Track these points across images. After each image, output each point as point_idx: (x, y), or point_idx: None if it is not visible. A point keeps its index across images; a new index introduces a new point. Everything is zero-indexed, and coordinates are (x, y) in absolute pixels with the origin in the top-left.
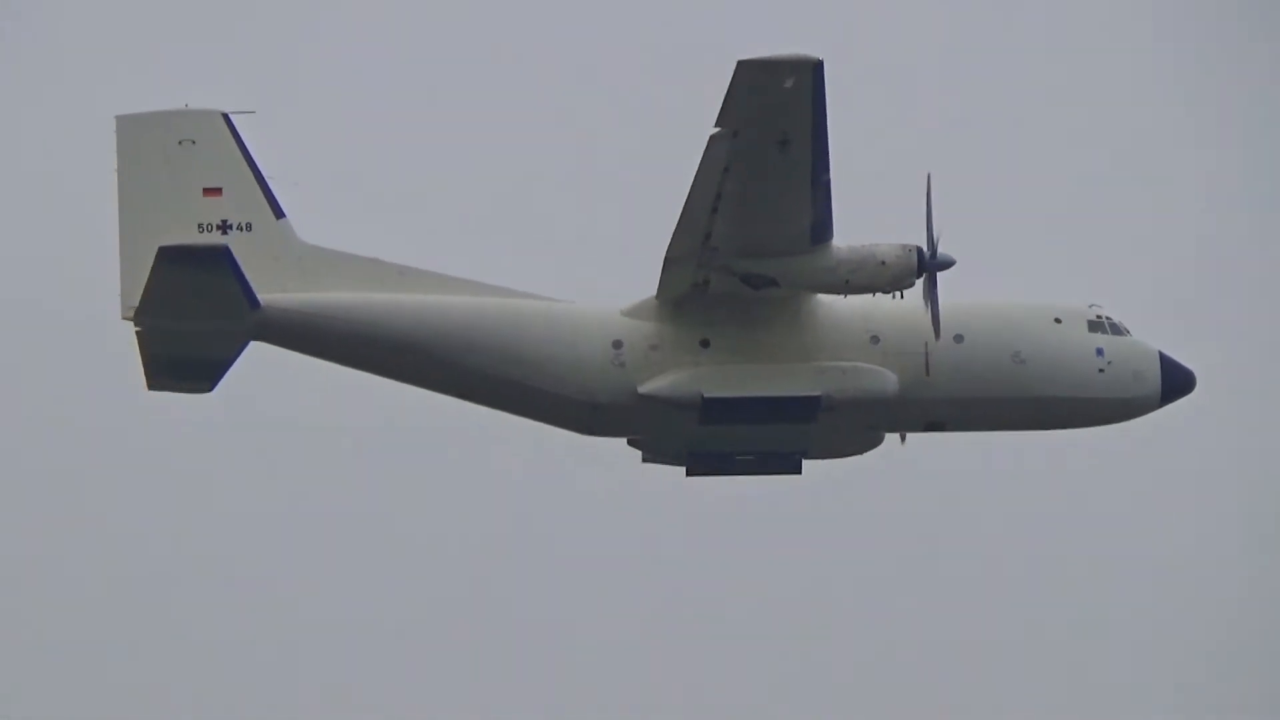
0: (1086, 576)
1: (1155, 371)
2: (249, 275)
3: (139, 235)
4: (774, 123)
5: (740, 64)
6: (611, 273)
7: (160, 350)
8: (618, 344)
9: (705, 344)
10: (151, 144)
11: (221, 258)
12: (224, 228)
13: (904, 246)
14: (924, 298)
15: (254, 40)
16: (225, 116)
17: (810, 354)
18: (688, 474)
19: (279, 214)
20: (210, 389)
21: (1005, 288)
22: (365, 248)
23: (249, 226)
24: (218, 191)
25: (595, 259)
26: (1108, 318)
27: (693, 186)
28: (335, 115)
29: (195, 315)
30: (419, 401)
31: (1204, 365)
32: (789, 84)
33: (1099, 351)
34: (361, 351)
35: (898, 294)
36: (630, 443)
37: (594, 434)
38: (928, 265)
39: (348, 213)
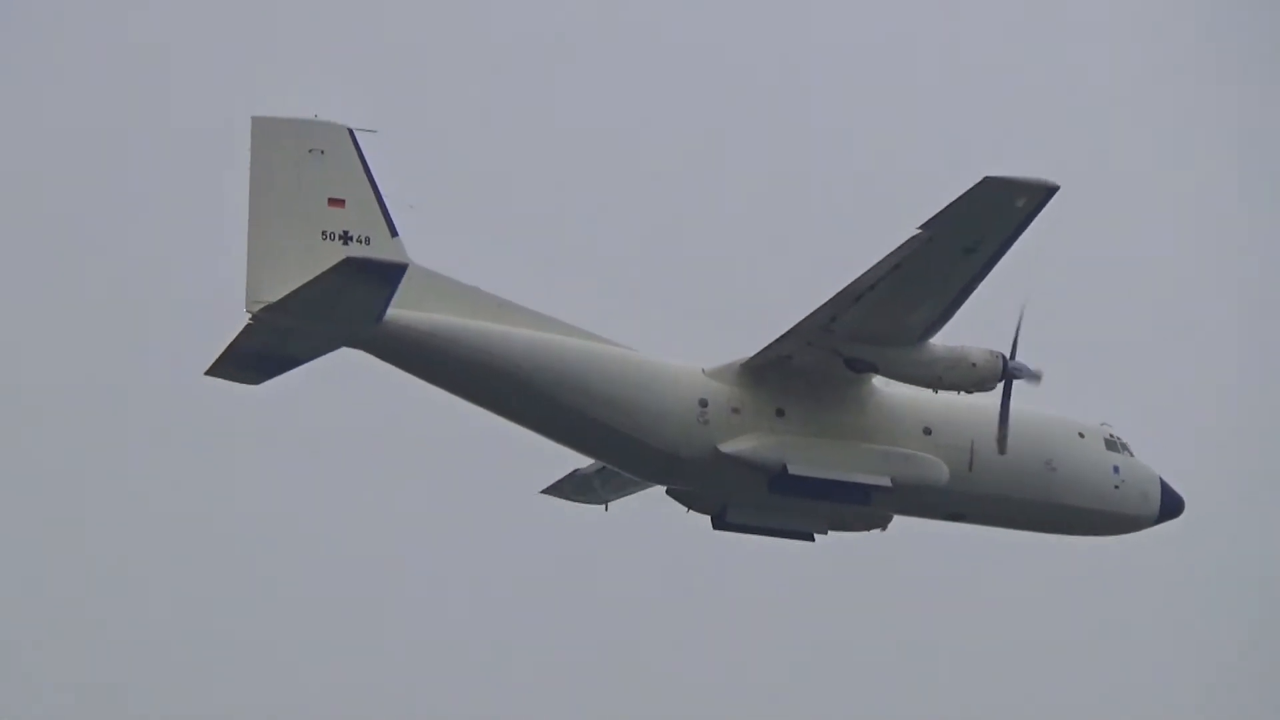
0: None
1: (1157, 494)
2: None
3: (267, 235)
4: (976, 231)
5: (987, 180)
6: (670, 327)
7: (256, 343)
8: (704, 402)
9: (780, 413)
10: (284, 149)
11: (400, 275)
12: (345, 238)
13: (992, 352)
14: (1001, 404)
15: (379, 57)
16: (350, 131)
17: (872, 436)
18: (714, 527)
19: (394, 232)
20: (260, 382)
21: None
22: (464, 274)
23: (368, 240)
24: (341, 203)
25: (664, 312)
26: (1119, 438)
27: (861, 277)
28: (452, 141)
29: (328, 319)
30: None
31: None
32: (1020, 203)
33: (1115, 469)
34: (463, 375)
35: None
36: (669, 491)
37: (664, 482)
38: (1009, 373)
39: (451, 238)
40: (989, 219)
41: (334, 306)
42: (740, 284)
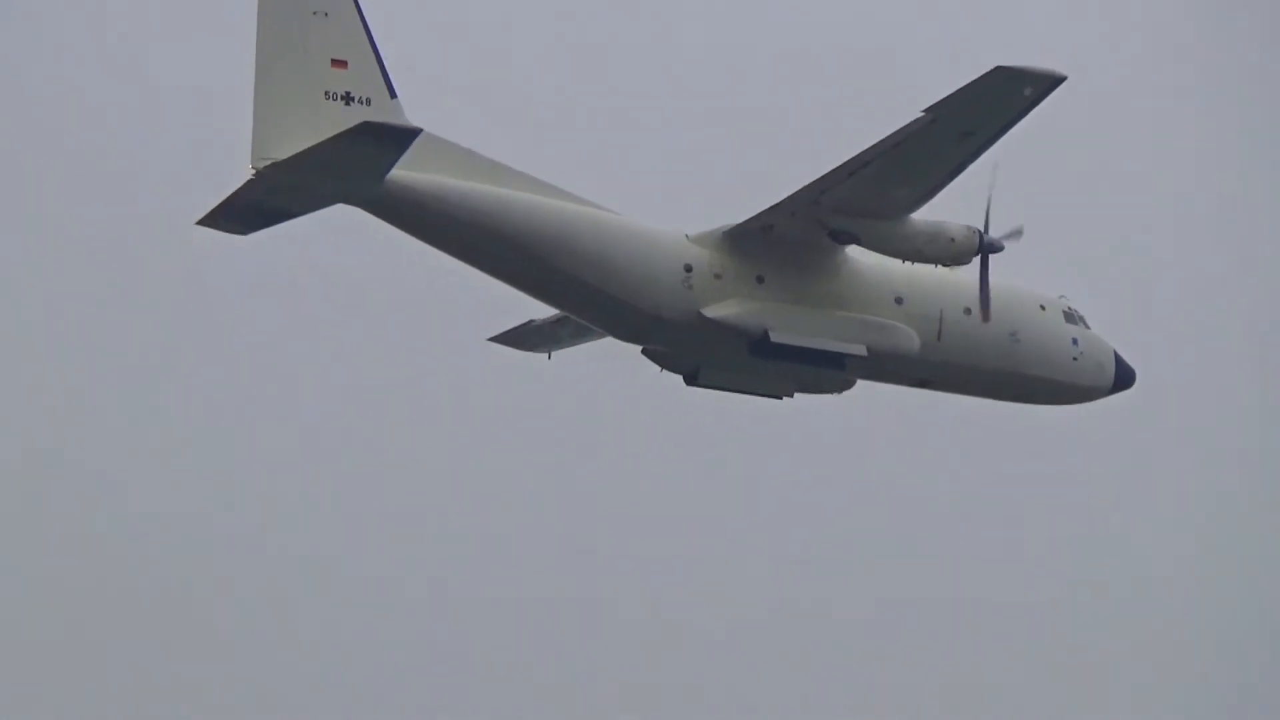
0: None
1: (1111, 365)
2: None
3: (273, 93)
4: (978, 117)
5: (999, 69)
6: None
7: (257, 196)
8: (688, 268)
9: (760, 280)
10: (289, 9)
11: (412, 140)
12: (347, 99)
13: (969, 227)
14: (980, 277)
15: None
16: None
17: (847, 304)
18: (687, 383)
19: (392, 94)
20: (247, 233)
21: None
22: (456, 136)
23: (368, 101)
24: (344, 64)
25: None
26: (1076, 310)
27: (859, 155)
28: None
29: (335, 179)
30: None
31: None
32: (1027, 92)
33: (1074, 341)
34: (460, 236)
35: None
36: (644, 351)
37: (644, 343)
38: (984, 247)
39: (446, 102)
40: (993, 106)
41: (343, 167)
42: (724, 154)
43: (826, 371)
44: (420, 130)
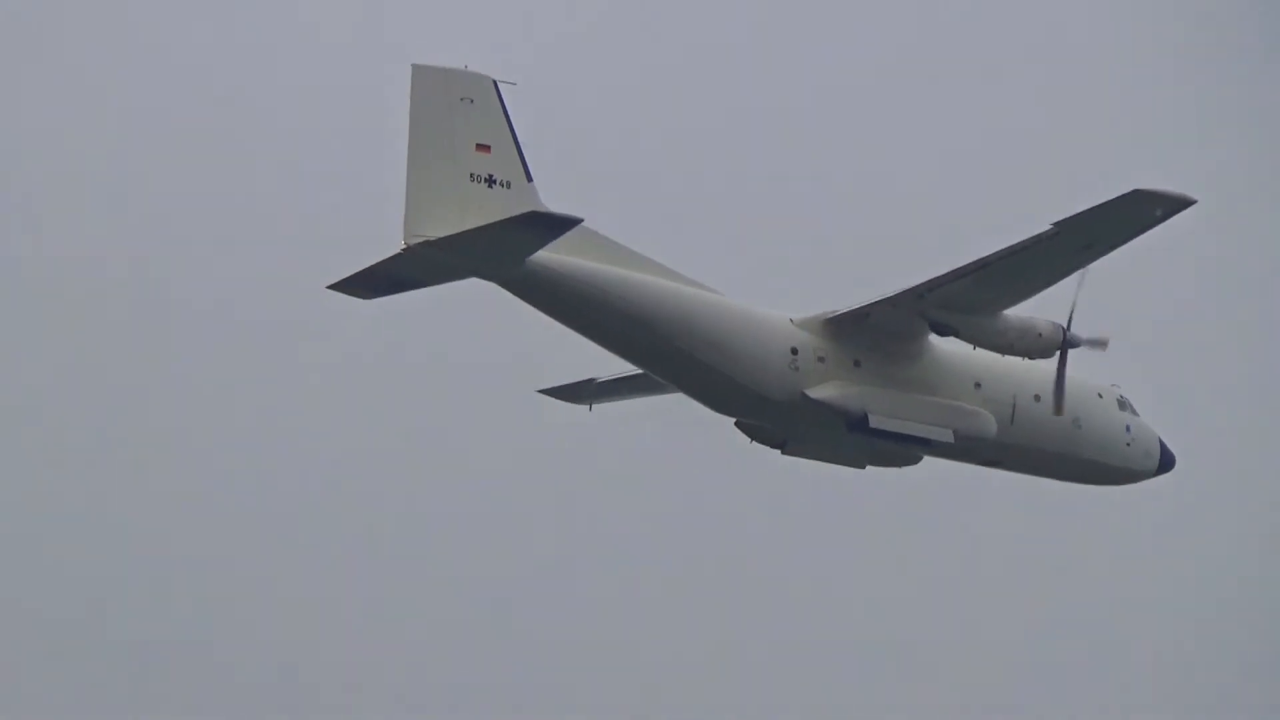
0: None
1: (1157, 451)
2: None
3: (424, 174)
4: (1104, 233)
5: (1137, 192)
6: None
7: (400, 268)
8: (794, 350)
9: (857, 363)
10: (439, 95)
11: (570, 228)
12: (490, 181)
13: (1054, 323)
14: (1057, 370)
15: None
16: (494, 82)
17: (933, 389)
18: (783, 453)
19: (529, 178)
20: (371, 299)
21: None
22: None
23: (508, 184)
24: (487, 149)
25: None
26: (1127, 399)
27: (982, 259)
28: (577, 95)
29: (485, 258)
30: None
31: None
32: (1158, 213)
33: (1128, 428)
34: (589, 315)
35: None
36: (737, 423)
37: (751, 419)
38: (1066, 343)
39: (569, 185)
40: (1122, 224)
41: (498, 249)
42: (815, 243)
43: (906, 450)
44: (581, 220)
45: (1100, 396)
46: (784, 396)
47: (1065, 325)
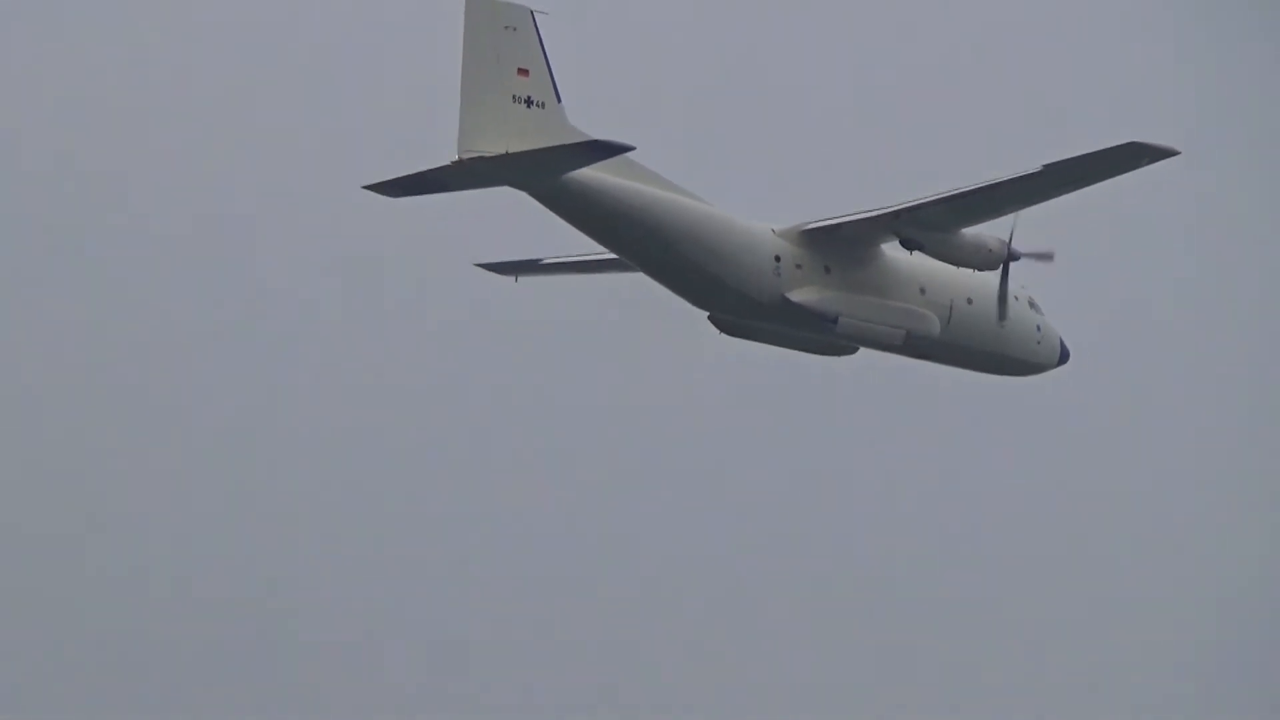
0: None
1: (1058, 348)
2: (538, 146)
3: (476, 93)
4: (1085, 176)
5: (1134, 144)
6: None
7: (443, 178)
8: (778, 258)
9: (827, 270)
10: (489, 24)
11: (616, 154)
12: (529, 102)
13: (1001, 240)
14: (1000, 279)
15: None
16: (531, 12)
17: (889, 293)
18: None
19: (559, 99)
20: (398, 197)
21: None
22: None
23: (543, 105)
24: (526, 73)
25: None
26: (1036, 301)
27: (969, 191)
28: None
29: (530, 174)
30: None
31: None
32: (1145, 161)
33: (1038, 328)
34: (608, 224)
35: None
36: (710, 318)
37: (739, 317)
38: (1009, 257)
39: (594, 105)
40: (1108, 169)
41: (548, 168)
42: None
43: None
44: (634, 148)
45: (1016, 299)
46: (767, 298)
47: (1008, 240)
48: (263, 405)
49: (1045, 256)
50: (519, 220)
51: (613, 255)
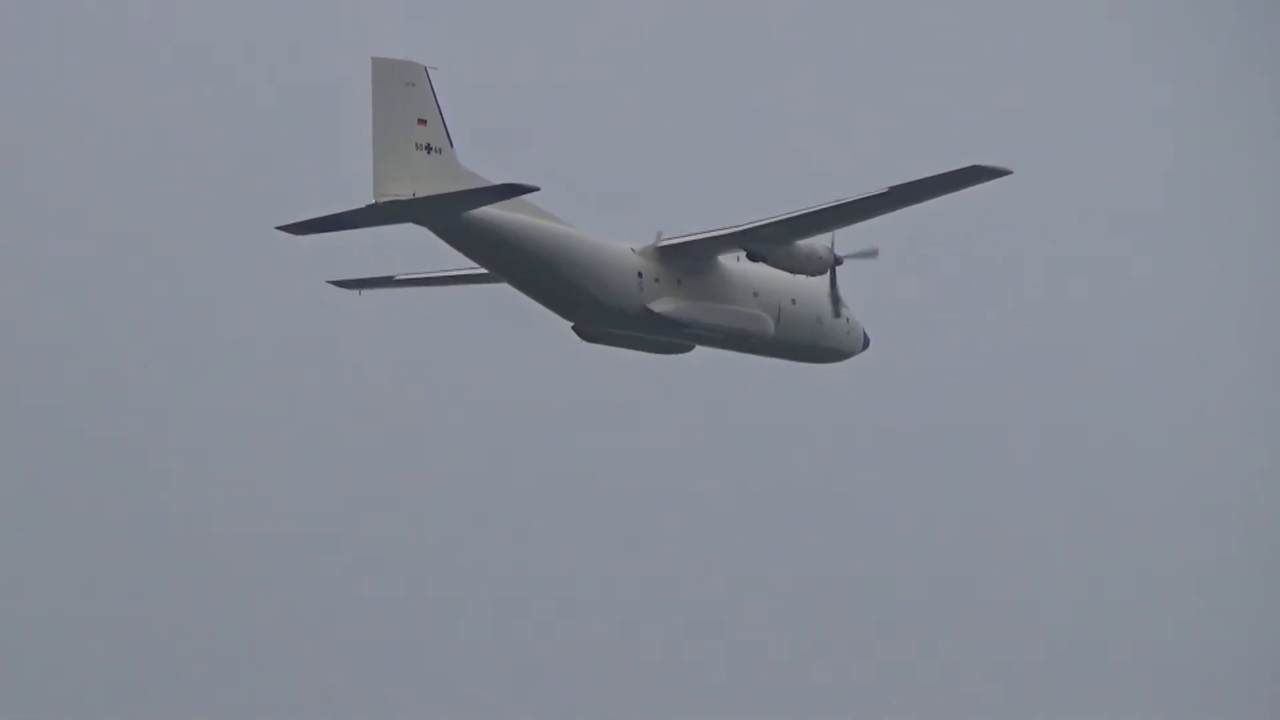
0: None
1: (861, 336)
2: (436, 188)
3: (384, 143)
4: (926, 194)
5: (978, 168)
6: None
7: (354, 219)
8: (640, 274)
9: (679, 281)
10: (391, 81)
11: (526, 193)
12: (428, 149)
13: (827, 248)
14: (830, 283)
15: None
16: (425, 69)
17: (729, 298)
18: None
19: (451, 144)
20: (302, 235)
21: None
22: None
23: (440, 150)
24: (424, 122)
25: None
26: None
27: (818, 210)
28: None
29: (438, 214)
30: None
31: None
32: (983, 181)
33: (847, 319)
34: (498, 253)
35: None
36: (574, 328)
37: (608, 327)
38: (836, 261)
39: (473, 144)
40: (947, 187)
41: (457, 208)
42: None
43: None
44: (539, 188)
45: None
46: (633, 310)
47: (831, 247)
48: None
49: (869, 254)
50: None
51: (470, 271)
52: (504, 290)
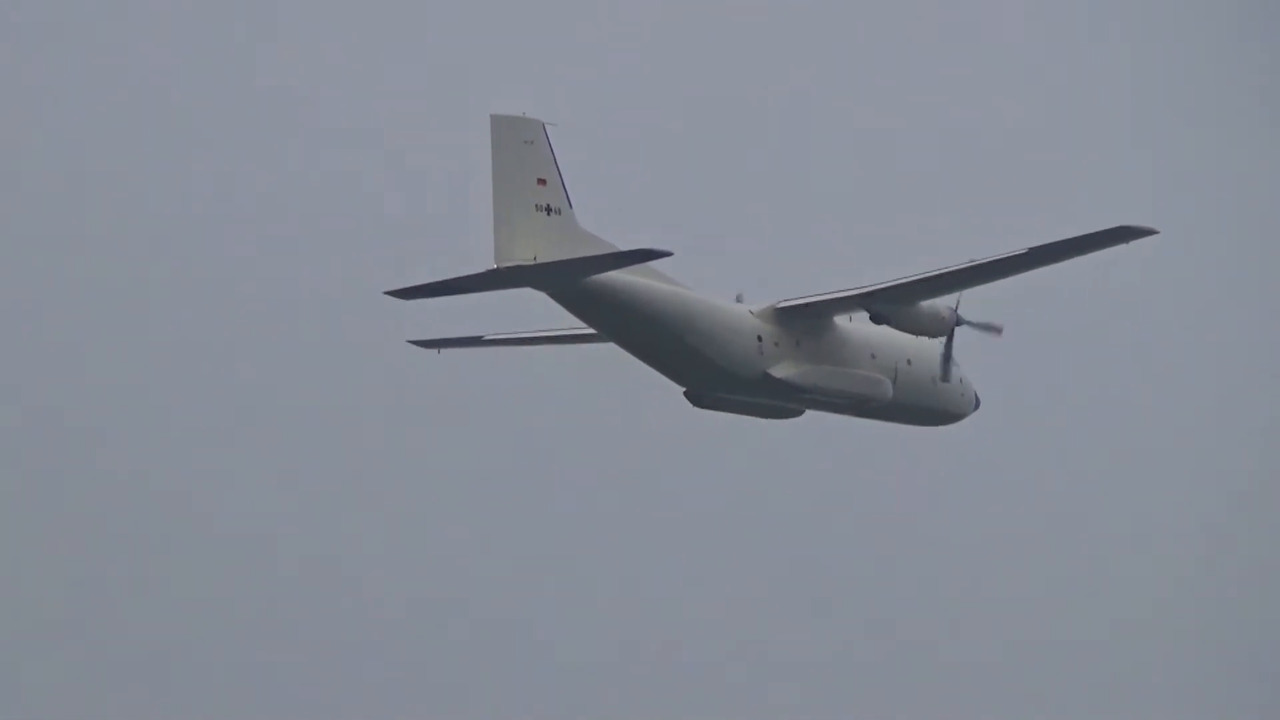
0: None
1: (973, 397)
2: (556, 251)
3: (505, 206)
4: (1068, 254)
5: (1125, 228)
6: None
7: (473, 284)
8: (759, 338)
9: (798, 344)
10: (511, 139)
11: (659, 258)
12: (548, 210)
13: (950, 308)
14: (946, 344)
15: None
16: (543, 125)
17: (848, 361)
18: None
19: (570, 204)
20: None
21: None
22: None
23: (559, 211)
24: (544, 182)
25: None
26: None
27: (950, 272)
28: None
29: (559, 280)
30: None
31: None
32: (1129, 242)
33: (960, 380)
34: (618, 317)
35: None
36: (685, 393)
37: (726, 393)
38: (957, 322)
39: (597, 205)
40: (1089, 248)
41: (580, 274)
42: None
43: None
44: (671, 253)
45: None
46: (751, 375)
47: (955, 308)
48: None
49: (993, 329)
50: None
51: (570, 331)
52: (609, 350)
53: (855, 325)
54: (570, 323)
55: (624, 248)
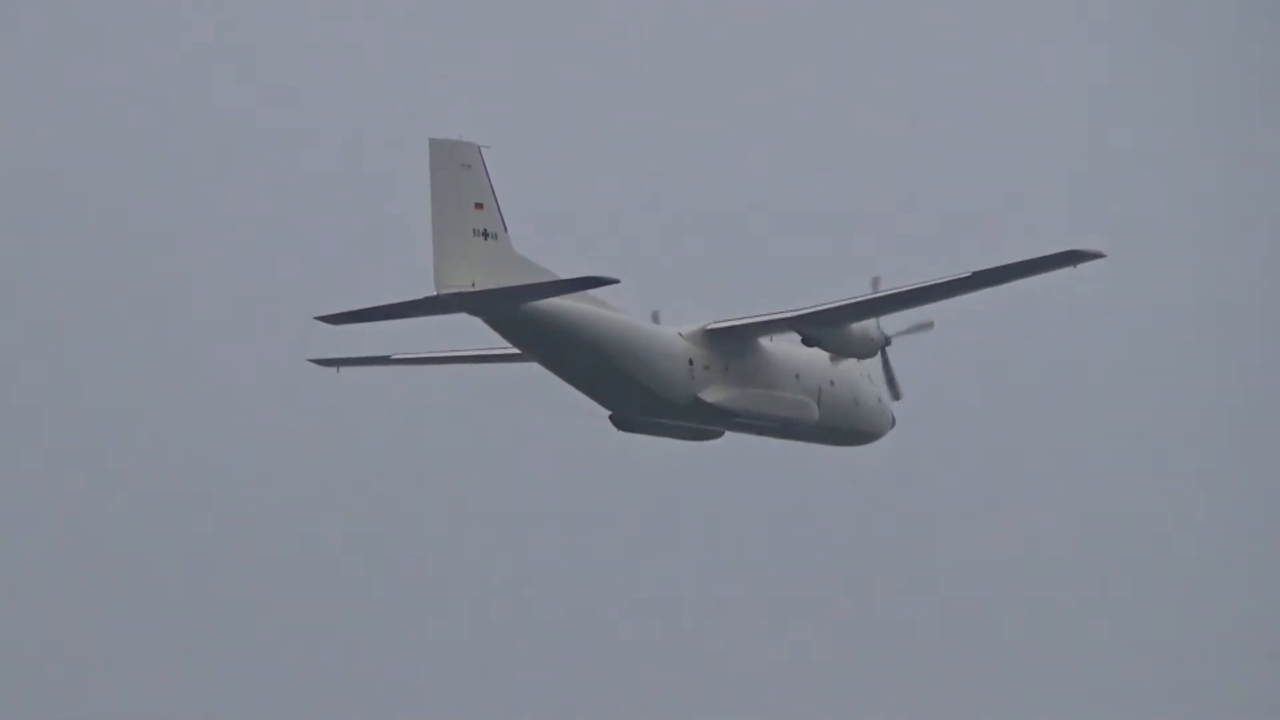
0: None
1: (890, 416)
2: (494, 277)
3: (444, 232)
4: (1012, 276)
5: (1074, 252)
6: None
7: (406, 310)
8: (690, 362)
9: (726, 368)
10: (449, 163)
11: (605, 285)
12: (485, 235)
13: (878, 327)
14: (883, 363)
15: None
16: (479, 148)
17: (773, 384)
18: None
19: (505, 229)
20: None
21: None
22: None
23: (495, 236)
24: (480, 207)
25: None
26: (871, 374)
27: (888, 295)
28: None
29: (499, 306)
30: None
31: None
32: (1075, 266)
33: (879, 399)
34: (552, 342)
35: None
36: (610, 417)
37: (652, 416)
38: (886, 341)
39: (527, 228)
40: (1034, 271)
41: (521, 300)
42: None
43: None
44: (618, 280)
45: (870, 378)
46: (682, 399)
47: (879, 326)
48: None
49: (925, 326)
50: None
51: (483, 352)
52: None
53: (778, 346)
54: (489, 343)
55: (555, 271)
